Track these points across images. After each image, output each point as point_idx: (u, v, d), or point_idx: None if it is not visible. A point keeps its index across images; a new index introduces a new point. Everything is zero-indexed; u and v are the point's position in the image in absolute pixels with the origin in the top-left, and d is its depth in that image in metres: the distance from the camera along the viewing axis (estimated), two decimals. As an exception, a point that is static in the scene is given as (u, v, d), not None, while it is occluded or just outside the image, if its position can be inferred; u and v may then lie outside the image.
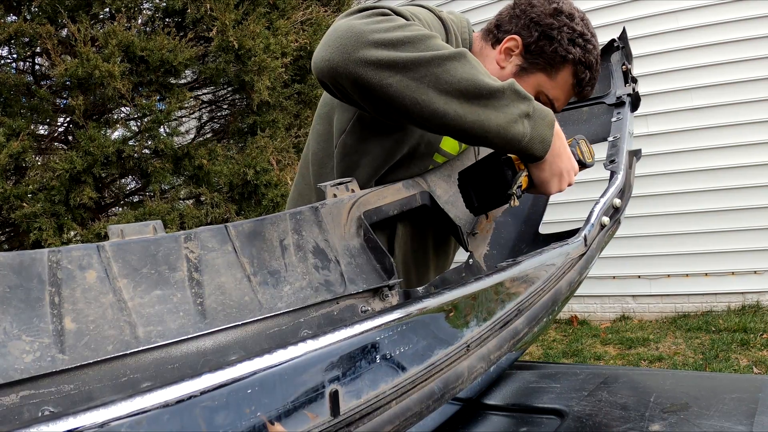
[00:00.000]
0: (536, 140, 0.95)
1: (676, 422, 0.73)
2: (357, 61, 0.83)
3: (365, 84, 0.85)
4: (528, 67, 1.17)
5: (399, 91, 0.85)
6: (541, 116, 0.96)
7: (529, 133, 0.93)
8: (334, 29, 0.87)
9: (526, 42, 1.17)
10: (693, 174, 4.58)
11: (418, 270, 1.31)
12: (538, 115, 0.95)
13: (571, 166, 1.07)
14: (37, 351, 0.50)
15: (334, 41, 0.85)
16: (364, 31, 0.84)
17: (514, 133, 0.91)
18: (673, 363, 3.84)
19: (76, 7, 3.43)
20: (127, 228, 0.61)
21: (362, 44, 0.84)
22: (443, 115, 0.86)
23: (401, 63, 0.84)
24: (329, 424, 0.52)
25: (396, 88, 0.84)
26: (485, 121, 0.88)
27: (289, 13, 4.26)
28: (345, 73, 0.85)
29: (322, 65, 0.88)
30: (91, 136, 3.43)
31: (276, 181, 4.01)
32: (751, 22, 4.32)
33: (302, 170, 1.32)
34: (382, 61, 0.83)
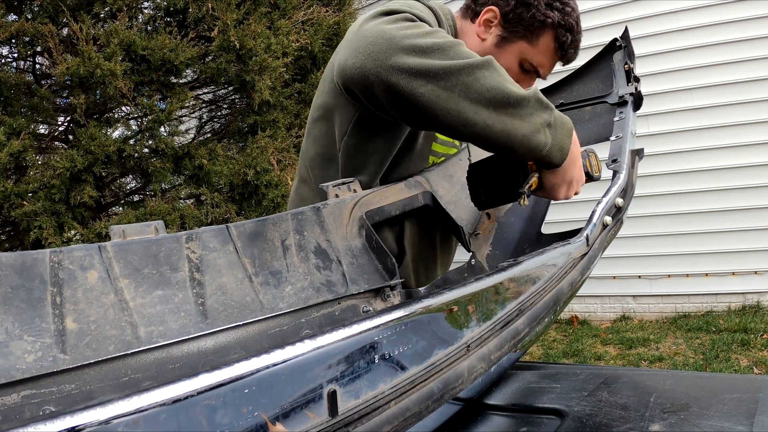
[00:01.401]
0: (556, 149, 0.95)
1: (676, 422, 0.73)
2: (390, 67, 0.82)
3: (397, 91, 0.84)
4: (508, 36, 1.18)
5: (430, 100, 0.83)
6: (561, 125, 0.96)
7: (550, 142, 0.93)
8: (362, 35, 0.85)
9: (503, 11, 1.17)
10: (694, 174, 4.58)
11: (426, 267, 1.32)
12: (558, 124, 0.95)
13: (581, 176, 1.07)
14: (39, 351, 0.50)
15: (365, 47, 0.84)
16: (395, 37, 0.83)
17: (537, 142, 0.92)
18: (674, 363, 3.84)
19: (78, 7, 3.43)
20: (128, 228, 0.61)
21: (395, 50, 0.82)
22: (473, 125, 0.86)
23: (433, 71, 0.82)
24: (327, 424, 0.52)
25: (428, 97, 0.83)
26: (511, 130, 0.88)
27: (290, 13, 4.25)
28: (378, 80, 0.83)
29: (352, 72, 0.86)
30: (92, 135, 3.43)
31: (276, 182, 4.01)
32: (753, 23, 4.32)
33: (302, 174, 1.31)
34: (414, 69, 0.82)
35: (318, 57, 4.53)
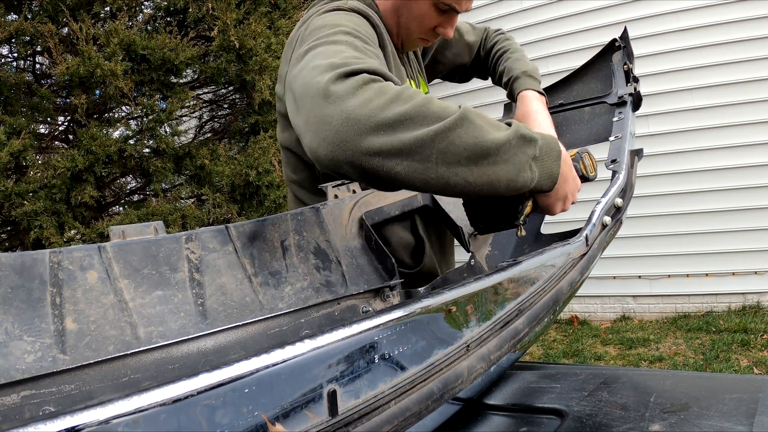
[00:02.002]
0: (544, 178, 0.91)
1: (676, 422, 0.73)
2: (362, 153, 0.77)
3: (374, 173, 0.79)
4: None
5: (409, 175, 0.79)
6: (548, 152, 0.91)
7: (537, 175, 0.90)
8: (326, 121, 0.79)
9: None
10: (694, 174, 4.57)
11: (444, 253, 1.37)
12: (544, 154, 0.91)
13: (575, 187, 1.04)
14: (39, 351, 0.50)
15: (332, 137, 0.78)
16: (360, 118, 0.77)
17: (523, 181, 0.87)
18: (674, 363, 3.84)
19: (78, 6, 3.43)
20: (128, 229, 0.61)
21: (363, 133, 0.77)
22: (454, 186, 0.82)
23: (406, 148, 0.77)
24: (327, 424, 0.52)
25: (406, 173, 0.79)
26: (494, 180, 0.84)
27: (290, 13, 4.26)
28: (352, 168, 0.79)
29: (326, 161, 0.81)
30: (93, 134, 3.43)
31: (278, 182, 4.01)
32: (753, 23, 4.32)
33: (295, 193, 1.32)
34: (387, 150, 0.77)
35: (318, 57, 4.53)
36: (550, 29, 4.97)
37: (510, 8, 5.14)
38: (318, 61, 0.87)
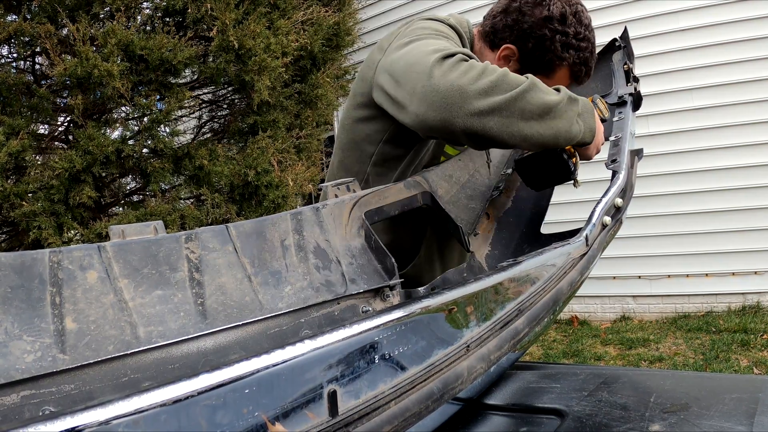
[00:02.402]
0: (587, 131, 1.12)
1: (676, 422, 0.73)
2: (466, 115, 0.97)
3: (474, 131, 0.99)
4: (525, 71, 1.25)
5: (500, 131, 0.99)
6: (586, 110, 1.12)
7: (583, 128, 1.10)
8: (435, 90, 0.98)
9: (522, 52, 1.29)
10: (694, 174, 4.58)
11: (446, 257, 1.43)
12: (584, 110, 1.11)
13: (602, 133, 1.22)
14: (38, 351, 0.50)
15: (441, 102, 0.97)
16: (463, 87, 0.97)
17: (575, 132, 1.09)
18: (674, 363, 3.84)
19: (76, 6, 3.43)
20: (128, 228, 0.61)
21: (467, 100, 0.97)
22: (530, 137, 1.02)
23: (497, 108, 0.98)
24: (327, 424, 0.52)
25: (497, 129, 0.99)
26: (556, 132, 1.05)
27: (289, 13, 4.26)
28: (458, 128, 0.98)
29: (432, 123, 1.00)
30: (91, 135, 3.43)
31: (277, 182, 4.01)
32: (753, 23, 4.32)
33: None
34: (484, 110, 0.97)
35: (318, 57, 4.53)
36: (549, 29, 4.97)
37: (509, 8, 5.13)
38: (421, 48, 1.08)
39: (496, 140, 1.01)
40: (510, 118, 0.99)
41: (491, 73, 0.99)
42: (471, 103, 0.97)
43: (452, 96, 0.97)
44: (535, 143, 1.04)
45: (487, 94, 0.98)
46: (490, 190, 1.44)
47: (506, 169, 1.54)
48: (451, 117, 0.98)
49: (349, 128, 1.34)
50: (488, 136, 1.00)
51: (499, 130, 0.99)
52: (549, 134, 1.03)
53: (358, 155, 1.31)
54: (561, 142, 1.07)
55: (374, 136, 1.28)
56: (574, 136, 1.09)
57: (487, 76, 0.99)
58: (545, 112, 1.02)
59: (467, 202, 1.33)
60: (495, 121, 0.98)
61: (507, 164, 1.55)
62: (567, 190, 1.39)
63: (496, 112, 0.98)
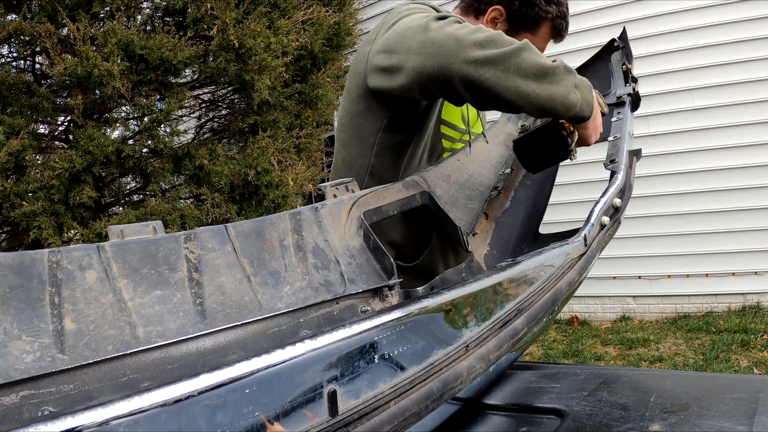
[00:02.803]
0: (585, 104, 1.13)
1: (676, 422, 0.73)
2: (463, 61, 0.99)
3: (470, 80, 1.00)
4: (514, 30, 1.38)
5: (495, 83, 1.01)
6: (584, 84, 1.13)
7: (580, 99, 1.11)
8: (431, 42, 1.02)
9: (509, 11, 1.37)
10: (694, 175, 4.58)
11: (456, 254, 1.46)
12: (581, 84, 1.12)
13: (600, 121, 1.23)
14: (37, 351, 0.50)
15: (438, 50, 1.01)
16: (460, 36, 1.00)
17: (572, 101, 1.09)
18: (674, 363, 3.84)
19: (77, 6, 3.43)
20: (127, 228, 0.61)
21: (463, 48, 0.99)
22: (527, 95, 1.03)
23: (493, 59, 1.00)
24: (327, 424, 0.52)
25: (493, 80, 1.01)
26: (554, 95, 1.06)
27: (290, 13, 4.25)
28: (454, 74, 1.01)
29: (430, 71, 1.02)
30: (91, 135, 3.43)
31: (277, 182, 4.01)
32: (753, 23, 4.32)
33: None
34: (480, 60, 0.99)
35: (318, 57, 4.53)
36: (549, 29, 4.97)
37: (509, 8, 5.13)
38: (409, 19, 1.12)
39: (493, 93, 1.03)
40: (506, 72, 1.01)
41: (486, 31, 1.03)
42: (467, 51, 0.99)
43: (449, 44, 1.00)
44: (532, 103, 1.05)
45: (483, 46, 1.00)
46: (488, 190, 1.44)
47: (505, 169, 1.54)
48: (447, 63, 1.00)
49: (347, 125, 1.36)
50: (485, 87, 1.01)
51: (495, 81, 1.01)
52: (545, 95, 1.05)
53: (360, 149, 1.34)
54: (558, 107, 1.08)
55: (373, 125, 1.31)
56: (571, 104, 1.09)
57: (482, 32, 1.02)
58: (541, 73, 1.04)
59: (466, 202, 1.33)
60: (491, 73, 1.00)
61: (505, 164, 1.55)
62: (566, 190, 1.40)
63: (492, 63, 1.00)
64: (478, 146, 1.49)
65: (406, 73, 1.07)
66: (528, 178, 1.57)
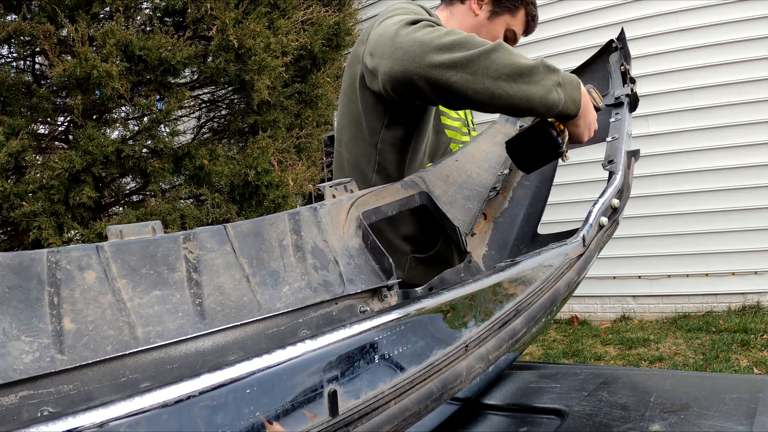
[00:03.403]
0: (570, 102, 1.12)
1: (676, 422, 0.73)
2: (427, 66, 1.02)
3: (436, 83, 1.03)
4: (498, 10, 1.47)
5: (463, 85, 1.02)
6: (569, 82, 1.13)
7: (563, 98, 1.10)
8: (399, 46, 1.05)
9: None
10: (694, 174, 4.58)
11: None
12: (566, 82, 1.12)
13: (594, 116, 1.23)
14: (37, 351, 0.50)
15: (403, 55, 1.04)
16: (425, 42, 1.03)
17: (552, 100, 1.09)
18: (674, 363, 3.84)
19: (76, 6, 3.42)
20: (126, 228, 0.61)
21: (427, 52, 1.02)
22: (498, 97, 1.04)
23: (459, 62, 1.01)
24: (328, 423, 0.52)
25: (460, 83, 1.02)
26: (529, 95, 1.05)
27: (289, 13, 4.25)
28: (419, 78, 1.03)
29: (399, 76, 1.05)
30: (90, 135, 3.43)
31: (277, 182, 4.01)
32: (753, 23, 4.32)
33: None
34: (445, 63, 1.01)
35: (318, 57, 4.53)
36: (550, 29, 4.97)
37: (509, 8, 5.13)
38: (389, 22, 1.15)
39: (461, 96, 1.04)
40: (474, 75, 1.02)
41: (457, 34, 1.04)
42: (431, 56, 1.01)
43: (413, 49, 1.03)
44: (506, 104, 1.06)
45: (448, 49, 1.02)
46: (487, 191, 1.44)
47: (503, 169, 1.54)
48: (412, 67, 1.03)
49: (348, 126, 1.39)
50: (452, 90, 1.03)
51: (463, 84, 1.02)
52: (519, 96, 1.05)
53: (364, 149, 1.37)
54: (537, 107, 1.08)
55: (374, 124, 1.34)
56: (552, 103, 1.09)
57: (452, 36, 1.04)
58: (515, 73, 1.03)
59: (464, 203, 1.33)
60: (458, 76, 1.01)
61: (504, 165, 1.55)
62: (564, 190, 1.40)
63: (458, 66, 1.01)
64: (476, 147, 1.50)
65: (380, 76, 1.11)
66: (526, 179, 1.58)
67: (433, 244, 1.38)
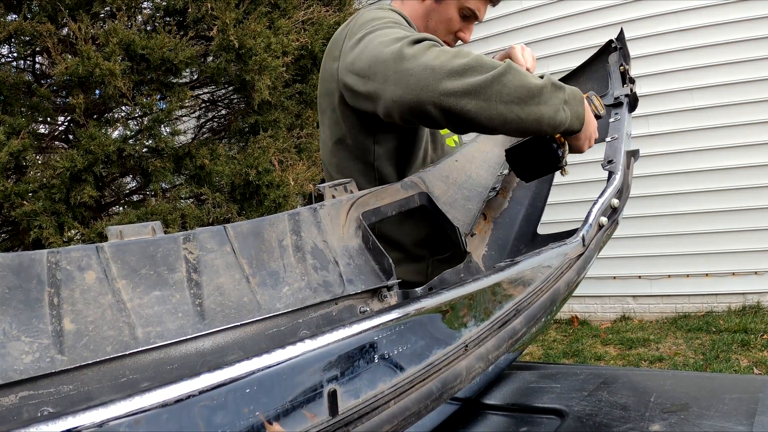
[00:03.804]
0: (575, 119, 1.10)
1: (676, 422, 0.73)
2: (440, 93, 0.97)
3: (451, 112, 0.98)
4: None
5: (478, 113, 0.98)
6: (574, 98, 1.11)
7: (569, 116, 1.09)
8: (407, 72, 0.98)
9: None
10: (694, 174, 4.57)
11: None
12: (571, 99, 1.10)
13: (595, 127, 1.21)
14: (37, 352, 0.50)
15: (414, 83, 0.98)
16: (436, 67, 0.97)
17: (560, 119, 1.06)
18: (674, 363, 3.84)
19: (77, 6, 3.42)
20: (125, 229, 0.61)
21: (440, 79, 0.97)
22: (510, 122, 1.00)
23: (474, 89, 0.97)
24: (328, 423, 0.52)
25: (475, 111, 0.98)
26: (539, 117, 1.03)
27: (290, 13, 4.25)
28: (433, 107, 0.98)
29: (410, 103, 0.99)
30: (92, 134, 3.43)
31: (278, 182, 4.01)
32: (753, 23, 4.32)
33: None
34: (460, 91, 0.97)
35: (318, 57, 4.52)
36: (550, 29, 4.97)
37: (510, 8, 5.14)
38: (380, 39, 1.07)
39: (475, 123, 1.00)
40: (488, 101, 0.98)
41: (465, 56, 0.99)
42: (444, 83, 0.96)
43: (425, 75, 0.97)
44: (517, 128, 1.03)
45: (461, 75, 0.97)
46: (486, 191, 1.44)
47: (503, 169, 1.54)
48: (425, 96, 0.97)
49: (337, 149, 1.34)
50: (467, 118, 0.99)
51: (477, 112, 0.98)
52: (531, 119, 1.02)
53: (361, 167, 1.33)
54: (545, 128, 1.06)
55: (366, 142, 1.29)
56: (559, 123, 1.07)
57: (461, 58, 0.98)
58: (527, 96, 1.00)
59: (464, 203, 1.34)
60: (473, 104, 0.97)
61: (503, 165, 1.55)
62: (563, 191, 1.40)
63: (472, 93, 0.97)
64: (476, 147, 1.50)
65: (385, 103, 1.05)
66: None
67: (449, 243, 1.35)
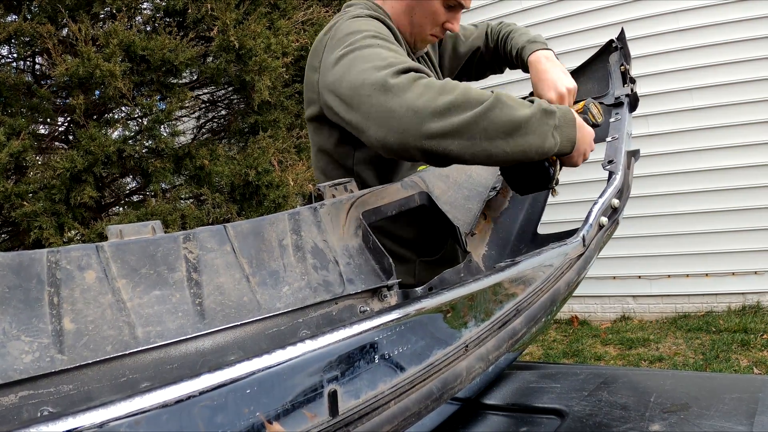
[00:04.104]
0: (565, 142, 1.07)
1: (676, 422, 0.73)
2: (422, 136, 0.94)
3: (433, 153, 0.96)
4: None
5: (461, 152, 0.96)
6: (566, 121, 1.07)
7: (559, 141, 1.05)
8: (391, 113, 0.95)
9: None
10: (694, 174, 4.57)
11: None
12: (563, 122, 1.06)
13: (590, 140, 1.17)
14: (36, 351, 0.50)
15: (397, 125, 0.95)
16: (419, 109, 0.94)
17: (549, 146, 1.03)
18: (674, 363, 3.84)
19: (77, 7, 3.42)
20: (125, 228, 0.61)
21: (424, 120, 0.94)
22: (495, 156, 0.98)
23: (457, 130, 0.94)
24: (328, 423, 0.52)
25: (458, 150, 0.96)
26: (526, 148, 1.00)
27: (290, 13, 4.25)
28: (415, 149, 0.96)
29: (394, 147, 0.98)
30: (92, 135, 3.43)
31: (278, 182, 4.01)
32: (753, 23, 4.32)
33: None
34: (442, 132, 0.94)
35: (318, 57, 4.51)
36: (550, 29, 4.97)
37: (510, 8, 5.14)
38: (362, 65, 1.03)
39: (459, 161, 0.99)
40: (472, 140, 0.95)
41: (450, 92, 0.96)
42: (427, 125, 0.93)
43: (409, 118, 0.94)
44: (501, 161, 1.01)
45: (445, 115, 0.94)
46: (487, 191, 1.44)
47: None
48: (408, 140, 0.95)
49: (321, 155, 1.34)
50: (450, 158, 0.97)
51: (460, 151, 0.95)
52: (517, 151, 0.99)
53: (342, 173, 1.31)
54: (532, 156, 1.03)
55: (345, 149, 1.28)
56: (548, 149, 1.04)
57: (446, 95, 0.95)
58: (513, 129, 0.97)
59: (464, 203, 1.34)
60: (456, 144, 0.95)
61: None
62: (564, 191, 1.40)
63: (456, 133, 0.94)
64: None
65: (368, 140, 1.03)
66: None
67: (436, 246, 1.35)
